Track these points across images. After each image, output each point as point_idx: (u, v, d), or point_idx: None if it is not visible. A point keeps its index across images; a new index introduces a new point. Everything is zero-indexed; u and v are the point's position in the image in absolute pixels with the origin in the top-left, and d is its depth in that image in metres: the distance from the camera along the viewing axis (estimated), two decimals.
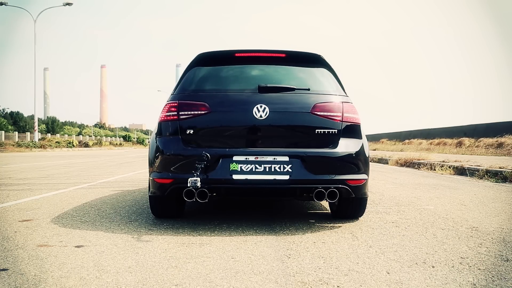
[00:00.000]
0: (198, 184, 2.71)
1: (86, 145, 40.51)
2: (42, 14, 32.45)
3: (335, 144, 2.99)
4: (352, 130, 3.08)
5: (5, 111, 67.74)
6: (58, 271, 1.99)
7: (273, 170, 2.84)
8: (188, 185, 2.71)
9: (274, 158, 2.86)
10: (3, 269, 2.02)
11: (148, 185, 3.22)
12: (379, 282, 1.88)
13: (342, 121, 3.05)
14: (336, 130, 3.02)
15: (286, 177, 2.83)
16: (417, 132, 30.74)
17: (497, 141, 16.23)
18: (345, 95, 3.20)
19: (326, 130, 3.00)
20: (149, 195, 3.18)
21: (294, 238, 2.68)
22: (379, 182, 6.43)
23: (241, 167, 2.84)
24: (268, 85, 3.04)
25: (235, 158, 2.86)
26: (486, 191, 5.25)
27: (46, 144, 32.02)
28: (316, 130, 2.99)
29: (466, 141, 19.08)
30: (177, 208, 3.28)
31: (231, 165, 2.85)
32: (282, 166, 2.85)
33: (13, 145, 28.65)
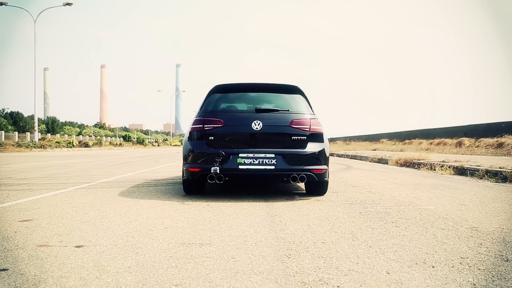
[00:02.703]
0: (218, 171, 4.06)
1: (86, 145, 40.50)
2: (42, 14, 32.45)
3: (304, 146, 4.26)
4: (316, 137, 4.34)
5: (5, 111, 67.73)
6: (58, 271, 1.99)
7: (264, 162, 4.13)
8: (211, 172, 4.07)
9: (265, 155, 4.14)
10: (3, 269, 2.02)
11: (182, 173, 4.57)
12: (379, 282, 1.88)
13: (309, 131, 4.31)
14: (305, 137, 4.28)
15: (273, 167, 4.13)
16: (417, 132, 30.74)
17: (497, 141, 16.22)
18: (312, 113, 4.45)
19: (299, 137, 4.27)
20: (183, 179, 4.53)
21: (294, 238, 2.68)
22: (379, 182, 6.43)
23: (244, 160, 4.12)
24: (262, 107, 4.37)
25: (240, 155, 4.14)
26: (486, 191, 5.25)
27: (46, 144, 32.01)
28: (292, 137, 4.26)
29: (466, 141, 19.07)
30: (201, 187, 4.67)
31: (237, 160, 4.13)
32: (270, 160, 4.13)
33: (13, 145, 28.64)
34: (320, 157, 4.27)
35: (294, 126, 4.27)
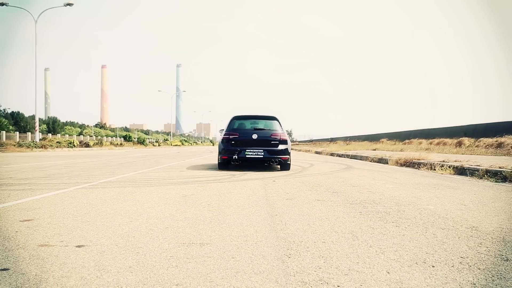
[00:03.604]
0: (236, 158, 8.43)
1: (87, 145, 40.49)
2: (42, 14, 32.46)
3: (277, 146, 8.51)
4: (283, 142, 8.61)
5: (6, 111, 67.69)
6: (59, 271, 2.00)
7: (258, 154, 8.37)
8: (233, 158, 8.44)
9: (258, 150, 8.38)
10: (4, 269, 2.03)
11: (217, 159, 9.58)
12: (379, 281, 1.89)
13: (280, 139, 8.60)
14: (278, 142, 8.53)
15: (262, 156, 8.37)
16: (417, 132, 30.74)
17: (496, 141, 16.22)
18: (282, 130, 8.84)
19: (275, 142, 8.54)
20: (218, 162, 8.87)
21: (295, 238, 2.68)
22: (379, 182, 6.43)
23: (248, 152, 8.30)
24: (257, 127, 8.89)
25: (247, 150, 8.38)
26: (486, 191, 5.25)
27: (47, 144, 32.02)
28: (271, 142, 8.55)
29: (466, 141, 19.06)
30: (227, 166, 8.88)
31: (245, 152, 8.33)
32: (260, 153, 8.37)
33: (14, 145, 28.65)
34: (285, 151, 8.65)
35: (272, 137, 8.69)
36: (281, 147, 8.59)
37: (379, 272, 2.02)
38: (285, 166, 8.80)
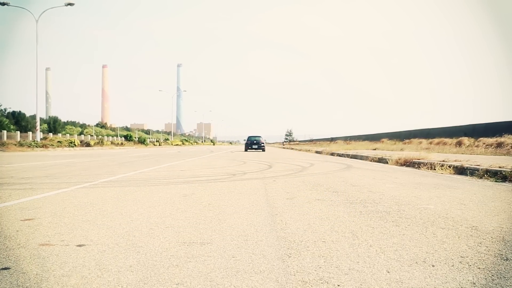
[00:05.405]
0: (250, 148, 30.77)
1: (88, 144, 40.51)
2: (43, 14, 32.43)
3: (261, 145, 30.61)
4: (263, 143, 30.99)
5: (7, 111, 67.69)
6: (60, 270, 2.01)
7: (255, 147, 30.52)
8: (248, 148, 30.79)
9: (255, 146, 30.54)
10: (5, 268, 2.03)
11: (244, 148, 32.54)
12: (379, 281, 1.89)
13: (262, 143, 30.98)
14: (262, 143, 30.80)
15: (256, 147, 30.44)
16: (417, 132, 30.76)
17: (496, 141, 16.22)
18: (262, 139, 31.83)
19: (261, 144, 30.74)
20: (245, 149, 31.41)
21: (295, 237, 2.69)
22: (379, 181, 6.43)
23: (253, 146, 30.39)
24: (255, 139, 31.49)
25: (252, 146, 30.57)
26: (486, 190, 5.25)
27: (48, 144, 32.05)
28: (260, 143, 30.75)
29: (466, 140, 19.07)
30: (246, 150, 30.59)
31: (252, 146, 30.44)
32: (256, 146, 30.48)
33: (15, 145, 28.69)
34: (264, 146, 30.41)
35: (260, 142, 30.47)
36: (262, 145, 29.65)
37: (379, 271, 2.02)
38: (263, 150, 28.85)
